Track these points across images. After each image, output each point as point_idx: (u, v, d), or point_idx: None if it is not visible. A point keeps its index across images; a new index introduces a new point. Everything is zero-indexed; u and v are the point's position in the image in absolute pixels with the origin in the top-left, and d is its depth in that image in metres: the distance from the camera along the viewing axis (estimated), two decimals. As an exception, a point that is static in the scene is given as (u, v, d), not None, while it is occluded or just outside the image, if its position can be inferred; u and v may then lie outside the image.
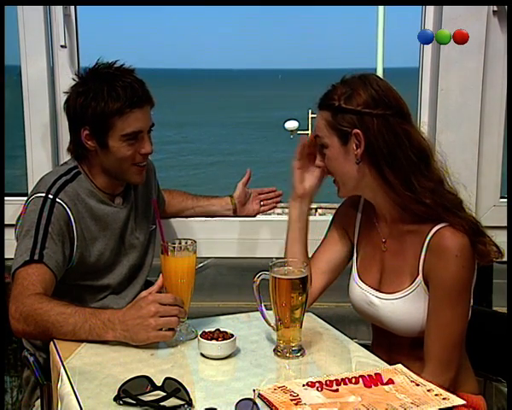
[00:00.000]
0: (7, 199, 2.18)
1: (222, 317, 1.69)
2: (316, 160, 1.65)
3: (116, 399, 1.23)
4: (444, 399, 1.21)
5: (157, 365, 1.40)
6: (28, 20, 2.14)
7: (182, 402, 1.22)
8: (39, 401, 1.74)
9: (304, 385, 1.25)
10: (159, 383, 1.25)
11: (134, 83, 1.72)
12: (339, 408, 1.17)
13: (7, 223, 2.07)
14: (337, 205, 1.83)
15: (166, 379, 1.25)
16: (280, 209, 2.32)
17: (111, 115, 1.69)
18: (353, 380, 1.27)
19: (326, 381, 1.26)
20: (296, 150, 1.71)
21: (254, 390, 1.23)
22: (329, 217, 1.85)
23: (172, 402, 1.22)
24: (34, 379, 1.77)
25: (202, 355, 1.44)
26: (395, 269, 1.60)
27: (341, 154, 1.55)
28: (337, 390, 1.23)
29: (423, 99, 2.28)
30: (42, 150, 2.21)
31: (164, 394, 1.24)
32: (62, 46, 2.16)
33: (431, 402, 1.20)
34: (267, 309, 1.51)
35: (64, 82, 2.16)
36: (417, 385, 1.26)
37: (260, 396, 1.21)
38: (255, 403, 1.18)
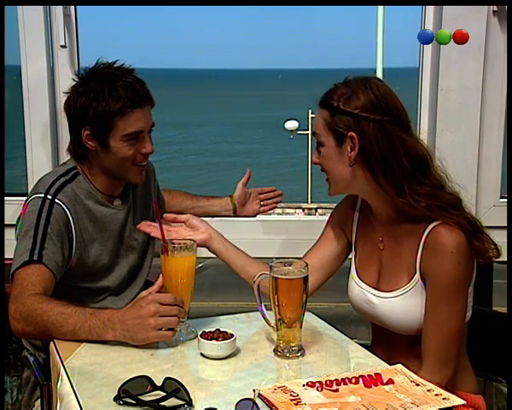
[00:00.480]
0: (7, 199, 2.18)
1: (222, 317, 1.69)
2: (313, 157, 1.66)
3: (116, 399, 1.23)
4: (444, 399, 1.21)
5: (157, 365, 1.40)
6: (28, 20, 2.14)
7: (182, 402, 1.22)
8: (39, 401, 1.74)
9: (304, 385, 1.25)
10: (159, 383, 1.25)
11: (135, 83, 1.72)
12: (339, 408, 1.17)
13: (7, 223, 2.07)
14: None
15: (166, 379, 1.25)
16: (280, 209, 2.32)
17: (112, 115, 1.69)
18: (353, 380, 1.27)
19: (326, 381, 1.26)
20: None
21: (254, 390, 1.23)
22: (329, 217, 1.85)
23: (172, 402, 1.22)
24: (34, 379, 1.77)
25: (202, 355, 1.44)
26: (393, 267, 1.60)
27: (336, 154, 1.56)
28: (337, 390, 1.23)
29: (423, 99, 2.28)
30: (42, 150, 2.21)
31: (164, 394, 1.24)
32: (62, 46, 2.16)
33: (431, 402, 1.20)
34: (267, 309, 1.52)
35: (64, 82, 2.17)
36: (417, 385, 1.26)
37: (260, 396, 1.22)
38: (255, 403, 1.18)
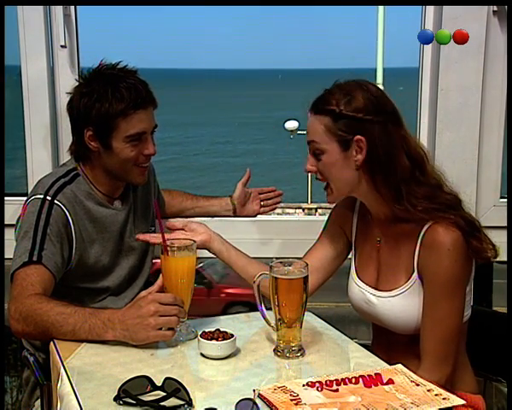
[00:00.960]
0: (7, 199, 2.18)
1: (222, 317, 1.69)
2: (307, 164, 1.60)
3: (116, 399, 1.23)
4: (444, 399, 1.21)
5: (157, 365, 1.40)
6: (28, 20, 2.14)
7: (182, 402, 1.22)
8: (39, 401, 1.74)
9: (304, 385, 1.25)
10: (159, 383, 1.25)
11: (138, 84, 1.72)
12: (339, 408, 1.17)
13: (7, 223, 2.07)
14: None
15: (166, 379, 1.25)
16: (280, 209, 2.31)
17: (115, 116, 1.69)
18: (353, 380, 1.27)
19: (326, 381, 1.26)
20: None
21: (254, 390, 1.23)
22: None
23: (172, 402, 1.22)
24: (34, 379, 1.77)
25: (202, 355, 1.44)
26: (391, 267, 1.60)
27: (340, 160, 1.54)
28: (337, 390, 1.23)
29: (423, 99, 2.28)
30: (42, 150, 2.21)
31: (164, 394, 1.24)
32: (62, 46, 2.16)
33: (431, 402, 1.20)
34: (267, 309, 1.52)
35: (64, 82, 2.17)
36: (417, 385, 1.26)
37: (260, 396, 1.21)
38: (255, 403, 1.18)
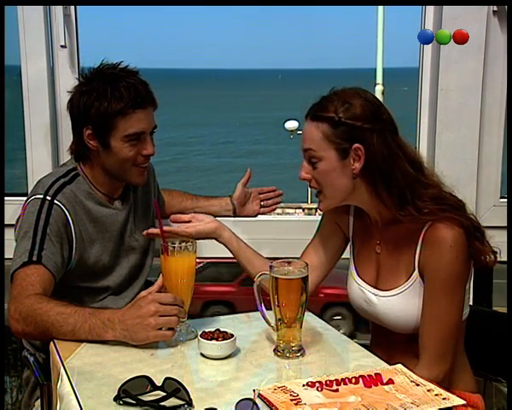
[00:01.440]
0: (7, 199, 2.18)
1: (222, 317, 1.69)
2: (301, 172, 1.58)
3: (116, 399, 1.24)
4: (444, 399, 1.21)
5: (157, 365, 1.40)
6: (28, 20, 2.14)
7: (182, 402, 1.22)
8: (39, 401, 1.74)
9: (304, 385, 1.25)
10: (159, 383, 1.25)
11: (138, 84, 1.72)
12: (339, 408, 1.17)
13: (7, 223, 2.07)
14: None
15: (166, 379, 1.25)
16: (280, 209, 2.32)
17: (114, 115, 1.69)
18: (353, 380, 1.27)
19: (326, 381, 1.26)
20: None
21: (254, 390, 1.23)
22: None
23: (172, 402, 1.22)
24: (34, 379, 1.77)
25: (202, 355, 1.44)
26: (391, 267, 1.60)
27: (338, 168, 1.53)
28: (337, 390, 1.23)
29: (423, 99, 2.28)
30: (42, 150, 2.21)
31: (164, 394, 1.24)
32: (62, 46, 2.16)
33: (431, 402, 1.20)
34: (267, 309, 1.52)
35: (64, 82, 2.17)
36: (417, 385, 1.26)
37: (260, 396, 1.21)
38: (255, 403, 1.18)
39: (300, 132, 1.63)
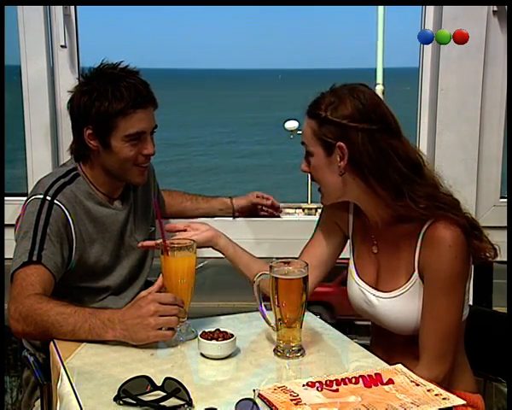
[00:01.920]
0: (7, 199, 2.18)
1: (222, 317, 1.69)
2: (302, 165, 1.63)
3: (116, 399, 1.23)
4: (444, 399, 1.21)
5: (157, 365, 1.40)
6: (28, 20, 2.14)
7: (182, 402, 1.22)
8: (39, 401, 1.74)
9: (304, 385, 1.25)
10: (159, 383, 1.25)
11: (138, 84, 1.73)
12: (339, 408, 1.17)
13: (7, 223, 2.07)
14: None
15: (166, 379, 1.25)
16: (280, 209, 2.32)
17: (114, 115, 1.69)
18: (353, 380, 1.27)
19: (326, 381, 1.26)
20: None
21: (254, 390, 1.23)
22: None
23: (172, 402, 1.22)
24: (34, 379, 1.77)
25: (202, 355, 1.44)
26: (391, 269, 1.60)
27: (325, 164, 1.56)
28: (337, 390, 1.23)
29: (423, 99, 2.28)
30: (42, 150, 2.21)
31: (164, 394, 1.24)
32: (62, 46, 2.16)
33: (431, 402, 1.20)
34: (267, 309, 1.52)
35: (64, 82, 2.17)
36: (417, 385, 1.26)
37: (260, 396, 1.21)
38: (255, 403, 1.18)
39: (300, 132, 1.64)
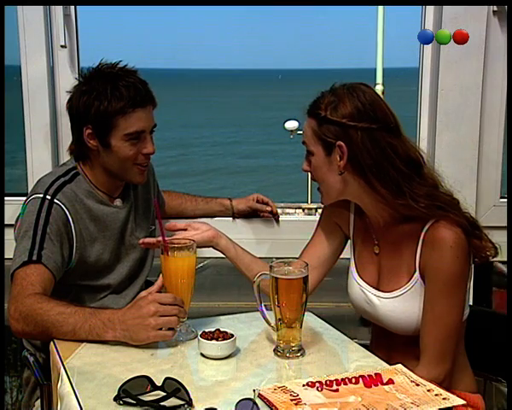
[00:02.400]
0: (7, 199, 2.18)
1: (222, 317, 1.69)
2: (303, 164, 1.63)
3: (116, 399, 1.23)
4: (444, 399, 1.21)
5: (157, 365, 1.40)
6: (28, 20, 2.14)
7: (182, 402, 1.22)
8: (39, 401, 1.74)
9: (304, 385, 1.25)
10: (159, 383, 1.25)
11: (137, 83, 1.73)
12: (339, 408, 1.17)
13: (7, 223, 2.07)
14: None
15: (166, 379, 1.25)
16: (280, 209, 2.32)
17: (114, 114, 1.69)
18: (353, 380, 1.27)
19: (326, 381, 1.26)
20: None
21: (254, 390, 1.23)
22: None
23: (172, 402, 1.22)
24: (34, 379, 1.77)
25: (202, 355, 1.44)
26: (392, 269, 1.60)
27: (325, 163, 1.56)
28: (337, 390, 1.23)
29: (423, 99, 2.28)
30: (42, 150, 2.21)
31: (164, 394, 1.24)
32: (62, 46, 2.16)
33: (431, 402, 1.20)
34: (267, 309, 1.52)
35: (64, 82, 2.17)
36: (417, 385, 1.26)
37: (260, 396, 1.21)
38: (255, 403, 1.18)
39: (300, 133, 1.65)
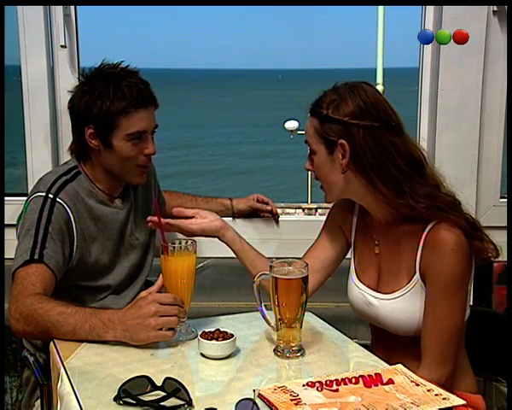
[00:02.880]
0: (7, 199, 2.18)
1: (222, 317, 1.69)
2: (306, 163, 1.65)
3: (116, 399, 1.23)
4: (444, 399, 1.21)
5: (157, 365, 1.40)
6: (28, 20, 2.14)
7: (182, 402, 1.22)
8: (39, 401, 1.74)
9: (304, 385, 1.25)
10: (159, 383, 1.25)
11: (139, 83, 1.73)
12: (339, 408, 1.17)
13: (7, 223, 2.07)
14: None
15: (166, 379, 1.25)
16: (280, 209, 2.32)
17: (116, 114, 1.70)
18: (353, 380, 1.27)
19: (326, 381, 1.26)
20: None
21: (254, 390, 1.23)
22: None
23: (172, 402, 1.22)
24: (34, 379, 1.77)
25: (202, 355, 1.44)
26: (392, 270, 1.60)
27: (328, 162, 1.56)
28: (337, 390, 1.23)
29: (423, 99, 2.28)
30: (42, 150, 2.21)
31: (164, 394, 1.24)
32: (62, 46, 2.16)
33: (431, 402, 1.20)
34: (267, 309, 1.52)
35: (64, 82, 2.17)
36: (417, 385, 1.26)
37: (260, 396, 1.21)
38: (255, 403, 1.18)
39: (300, 132, 1.65)
